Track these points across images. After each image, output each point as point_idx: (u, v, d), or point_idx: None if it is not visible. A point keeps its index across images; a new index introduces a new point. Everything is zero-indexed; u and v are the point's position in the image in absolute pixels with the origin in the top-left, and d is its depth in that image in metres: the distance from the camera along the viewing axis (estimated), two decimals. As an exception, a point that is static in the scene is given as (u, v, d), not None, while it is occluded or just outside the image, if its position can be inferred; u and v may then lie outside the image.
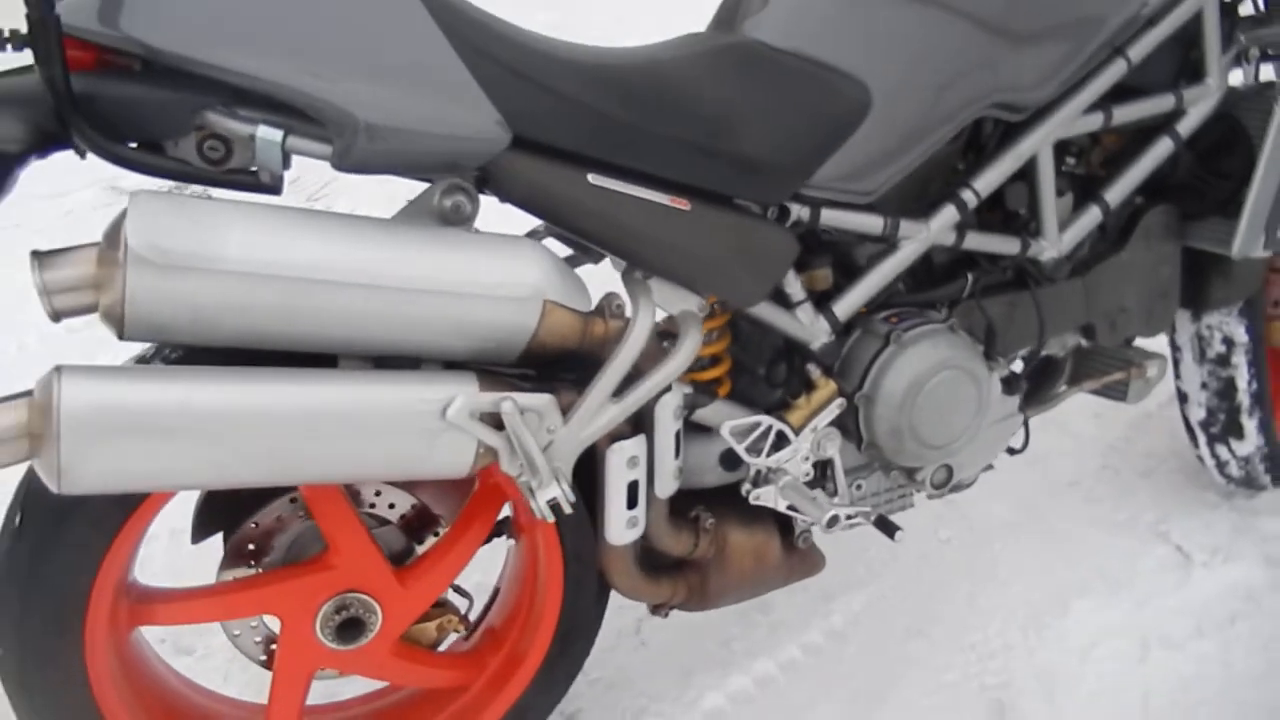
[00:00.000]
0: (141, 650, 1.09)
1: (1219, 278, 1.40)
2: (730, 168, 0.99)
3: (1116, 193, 1.24)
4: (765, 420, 1.08)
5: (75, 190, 2.88)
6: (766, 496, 1.11)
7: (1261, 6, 1.34)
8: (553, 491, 0.90)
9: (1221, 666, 1.42)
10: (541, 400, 0.89)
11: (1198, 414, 1.57)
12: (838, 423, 1.13)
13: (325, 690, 1.24)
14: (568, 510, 0.91)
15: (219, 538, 1.07)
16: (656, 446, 1.02)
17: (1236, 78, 1.31)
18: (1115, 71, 1.16)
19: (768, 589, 1.22)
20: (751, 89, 1.00)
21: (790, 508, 1.12)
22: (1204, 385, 1.53)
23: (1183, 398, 1.59)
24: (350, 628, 1.05)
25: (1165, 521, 1.68)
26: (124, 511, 0.93)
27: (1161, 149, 1.24)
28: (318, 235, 0.80)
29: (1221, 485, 1.69)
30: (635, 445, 0.99)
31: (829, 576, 1.32)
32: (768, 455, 1.09)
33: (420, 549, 1.13)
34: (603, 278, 1.06)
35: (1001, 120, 1.14)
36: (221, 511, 1.07)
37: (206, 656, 1.42)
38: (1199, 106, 1.25)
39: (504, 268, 0.86)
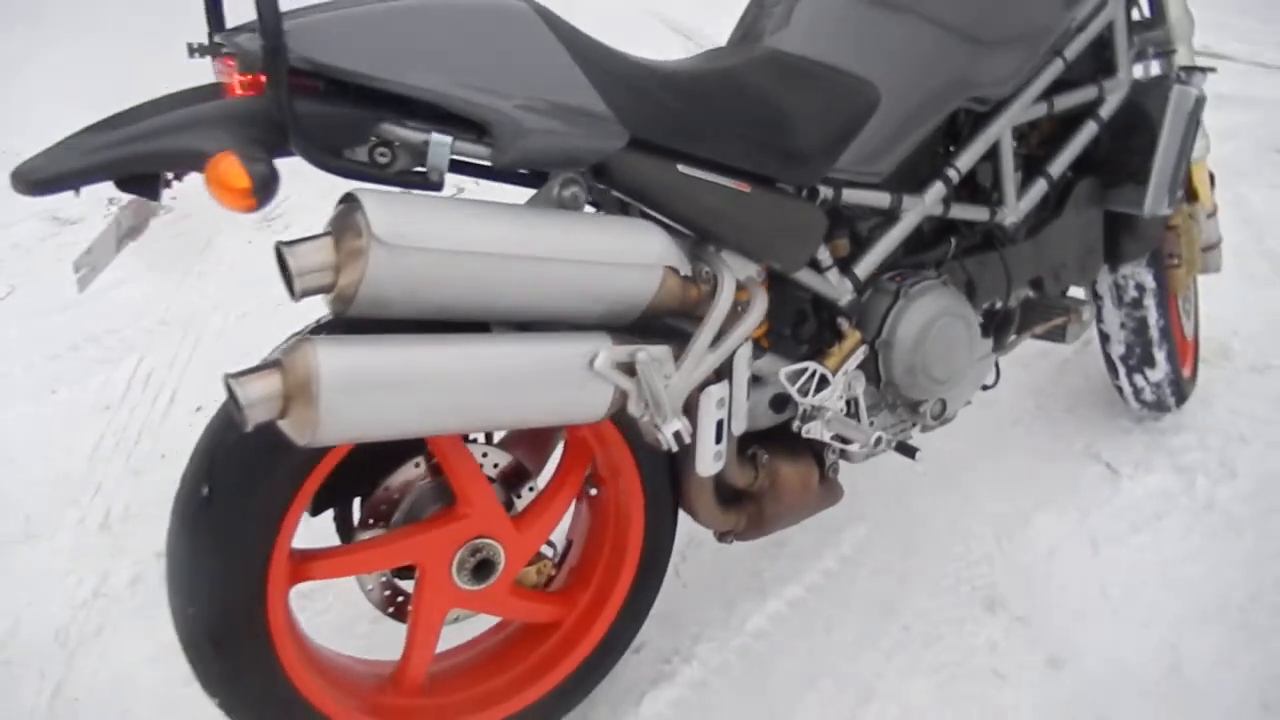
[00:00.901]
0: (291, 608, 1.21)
1: (1129, 235, 1.71)
2: (776, 156, 1.21)
3: (1057, 167, 1.52)
4: (812, 366, 1.30)
5: (16, 223, 2.85)
6: (815, 430, 1.32)
7: (1148, 12, 1.66)
8: (676, 425, 1.09)
9: (1156, 554, 1.73)
10: (662, 351, 1.08)
11: (1118, 350, 1.88)
12: (861, 366, 1.37)
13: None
14: (687, 440, 1.10)
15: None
16: (734, 390, 1.22)
17: (1137, 71, 1.62)
18: (1055, 69, 1.44)
19: (807, 514, 1.44)
20: (790, 91, 1.22)
21: (835, 437, 1.34)
22: (1122, 325, 1.84)
23: (1104, 338, 1.90)
24: (483, 569, 1.20)
25: (1094, 445, 1.99)
26: (300, 477, 1.07)
27: (1088, 130, 1.53)
28: (500, 220, 0.97)
29: (1133, 411, 2.02)
30: (721, 389, 1.19)
31: (831, 512, 1.53)
32: (813, 395, 1.31)
33: (518, 501, 1.29)
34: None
35: (972, 111, 1.40)
36: (336, 488, 1.20)
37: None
38: (1114, 95, 1.54)
39: (635, 241, 1.05)
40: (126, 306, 2.43)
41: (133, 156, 0.89)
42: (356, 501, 1.21)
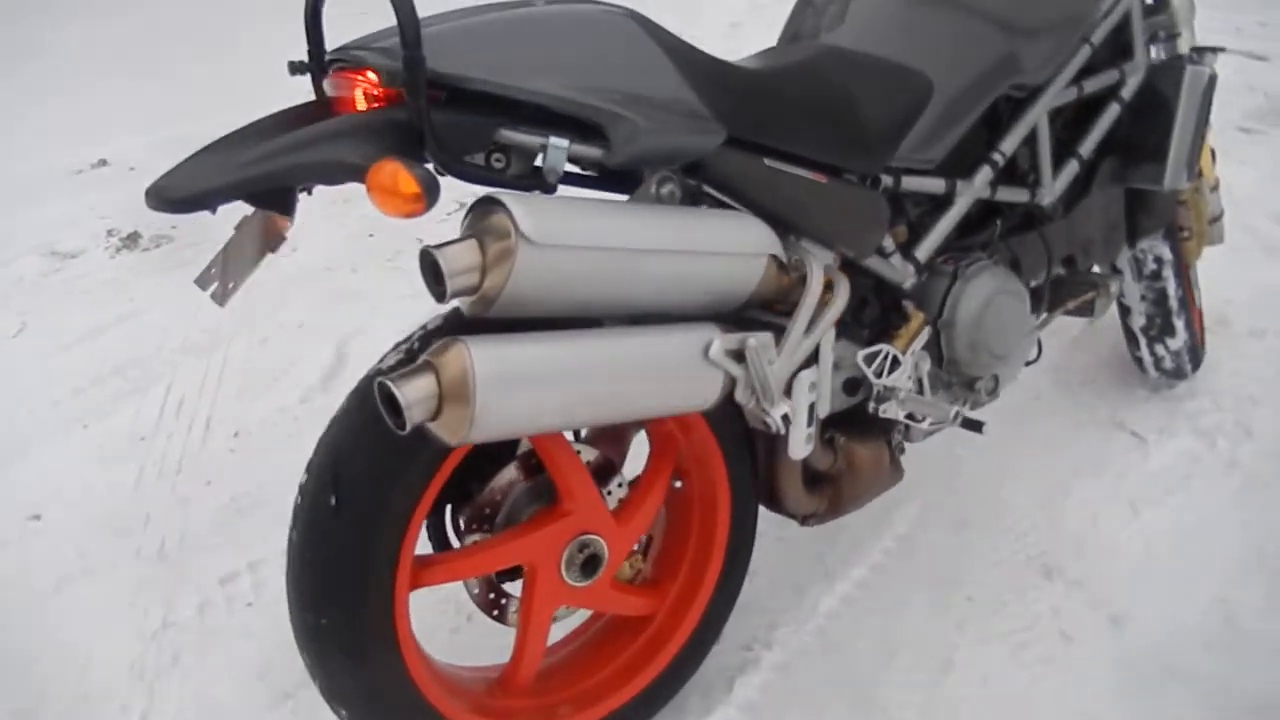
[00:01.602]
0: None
1: (1146, 211, 1.79)
2: (846, 148, 1.26)
3: (1086, 148, 1.59)
4: (885, 348, 1.35)
5: (14, 259, 2.80)
6: (890, 409, 1.37)
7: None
8: (783, 408, 1.13)
9: (1192, 513, 1.81)
10: (766, 338, 1.12)
11: (1139, 321, 1.97)
12: (925, 347, 1.42)
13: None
14: (794, 420, 1.15)
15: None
16: (821, 374, 1.26)
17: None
18: (1083, 55, 1.51)
19: (877, 493, 1.49)
20: (854, 85, 1.27)
21: (909, 416, 1.39)
22: (1143, 298, 1.93)
23: (1124, 310, 1.98)
24: (590, 564, 1.23)
25: (1116, 414, 2.07)
26: (425, 481, 1.08)
27: (1111, 112, 1.61)
28: (628, 216, 1.00)
29: (1151, 380, 2.10)
30: (812, 373, 1.23)
31: (881, 496, 1.59)
32: (886, 376, 1.36)
33: (608, 496, 1.32)
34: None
35: (1012, 97, 1.47)
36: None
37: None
38: (1133, 78, 1.62)
39: (743, 232, 1.09)
40: (145, 337, 2.41)
41: (278, 171, 0.91)
42: (448, 508, 1.23)
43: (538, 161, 1.02)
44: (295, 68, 1.10)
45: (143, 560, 1.74)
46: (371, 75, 0.99)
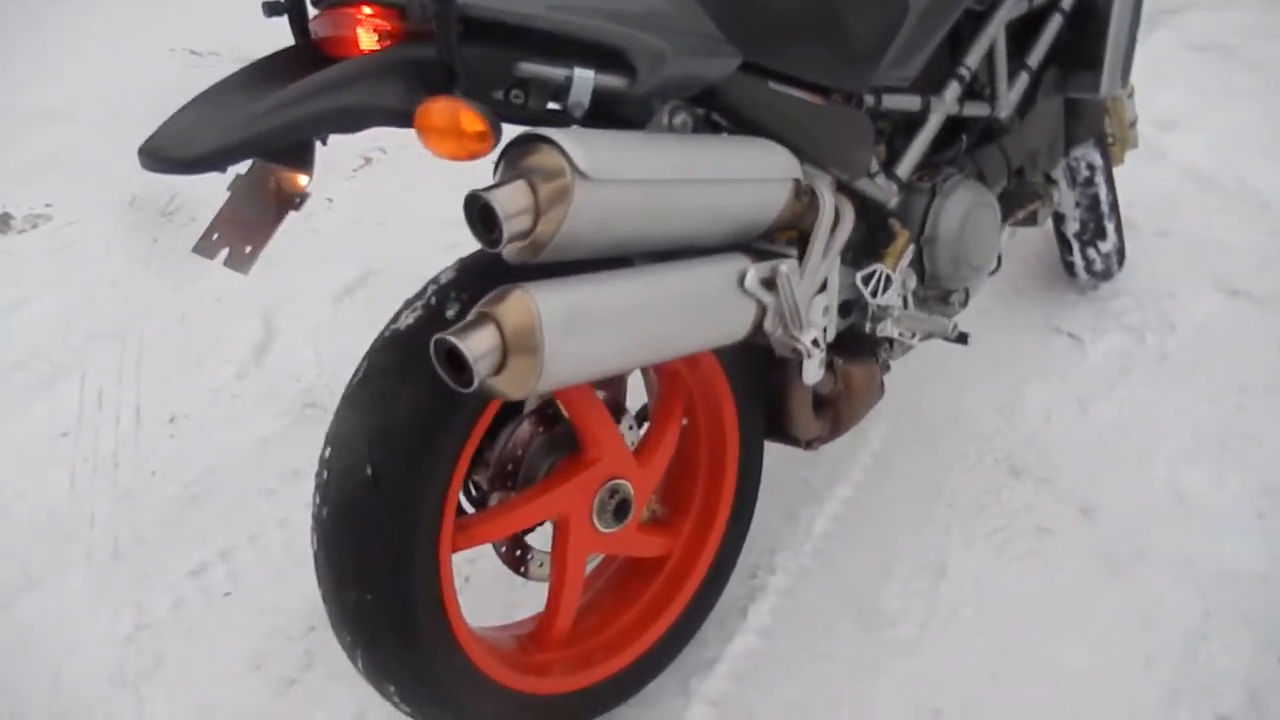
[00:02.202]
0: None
1: (1079, 120, 1.86)
2: (836, 67, 1.25)
3: (1034, 59, 1.63)
4: (879, 268, 1.36)
5: None
6: (886, 328, 1.39)
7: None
8: (813, 332, 1.13)
9: (1133, 405, 1.92)
10: (792, 264, 1.11)
11: (1073, 227, 2.06)
12: (911, 264, 1.44)
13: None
14: (823, 342, 1.15)
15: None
16: (830, 297, 1.27)
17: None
18: None
19: (868, 411, 1.51)
20: (851, 7, 1.26)
21: (901, 333, 1.41)
22: (1077, 204, 2.02)
23: (1059, 218, 2.07)
24: (621, 509, 1.21)
25: (1052, 319, 2.17)
26: (464, 439, 1.03)
27: (1055, 23, 1.65)
28: (668, 146, 0.96)
29: (1076, 284, 2.22)
30: (826, 297, 1.23)
31: None
32: (880, 296, 1.38)
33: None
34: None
35: (973, 11, 1.48)
36: None
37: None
38: None
39: (769, 157, 1.07)
40: (42, 327, 2.20)
41: (302, 120, 0.83)
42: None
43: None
44: (272, 8, 1.00)
45: (96, 564, 1.61)
46: (366, 10, 0.92)
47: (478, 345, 0.84)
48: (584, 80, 0.95)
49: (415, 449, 1.00)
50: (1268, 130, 2.99)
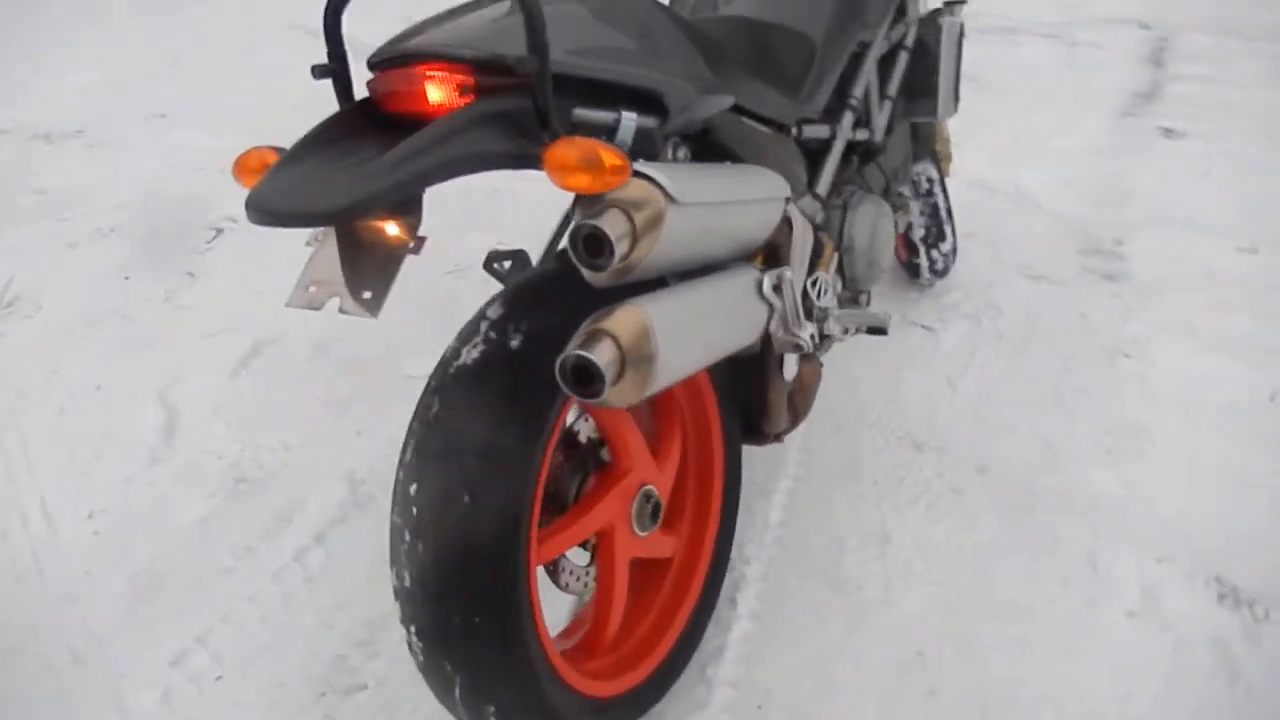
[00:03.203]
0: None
1: (919, 140, 2.19)
2: (776, 101, 1.45)
3: (892, 89, 1.92)
4: (821, 275, 1.56)
5: None
6: (829, 326, 1.59)
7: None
8: (810, 328, 1.30)
9: (989, 380, 2.25)
10: (789, 272, 1.28)
11: (919, 233, 2.38)
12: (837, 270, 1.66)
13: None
14: (817, 339, 1.32)
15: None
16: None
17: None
18: (892, 12, 1.83)
19: (813, 400, 1.71)
20: (774, 49, 1.46)
21: (844, 330, 1.62)
22: (922, 212, 2.34)
23: (908, 227, 2.39)
24: (655, 512, 1.32)
25: (908, 315, 2.48)
26: (543, 453, 1.10)
27: (903, 59, 1.95)
28: (714, 173, 1.10)
29: (917, 283, 2.55)
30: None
31: None
32: (823, 298, 1.58)
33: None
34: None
35: (854, 52, 1.74)
36: None
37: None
38: (912, 29, 1.98)
39: (771, 180, 1.23)
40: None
41: (430, 169, 0.90)
42: None
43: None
44: (321, 72, 1.06)
45: (57, 673, 1.50)
46: (432, 71, 1.00)
47: (602, 358, 0.94)
48: (629, 122, 1.08)
49: (505, 468, 1.06)
50: (1025, 143, 3.55)
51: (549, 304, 1.12)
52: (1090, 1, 5.36)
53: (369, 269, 1.04)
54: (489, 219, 3.02)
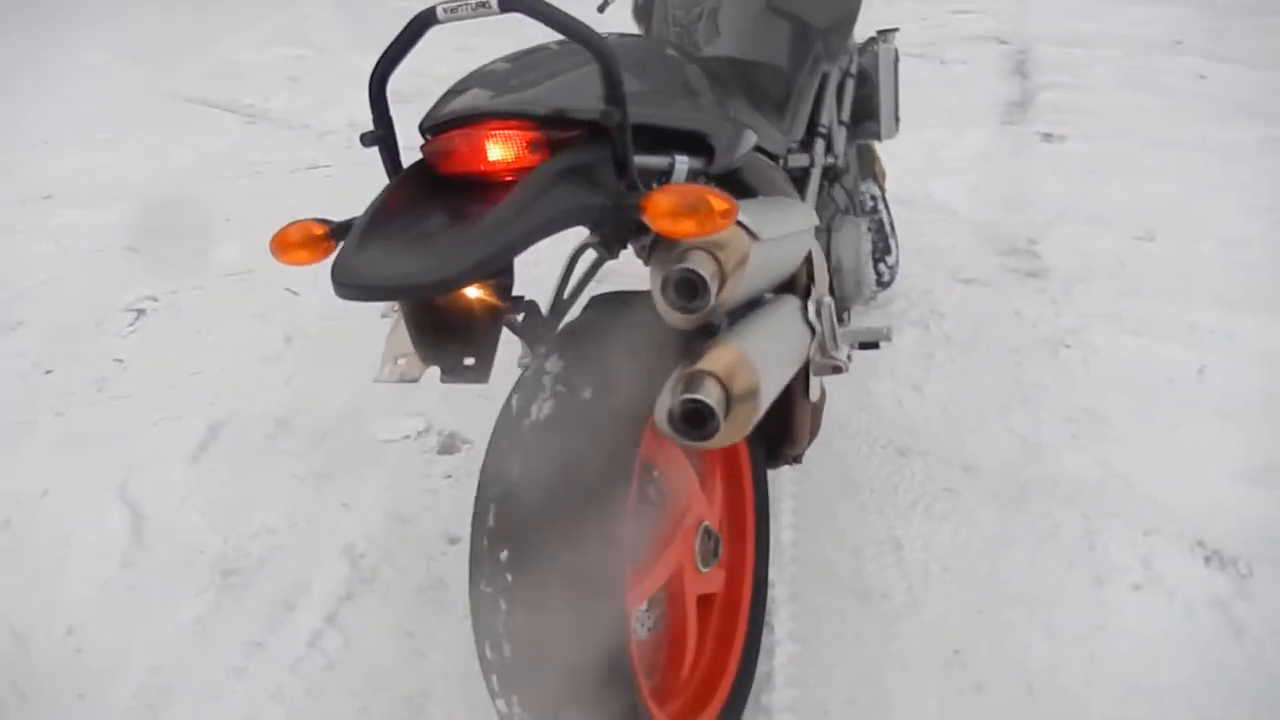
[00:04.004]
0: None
1: (862, 161, 2.28)
2: (773, 136, 1.49)
3: (845, 115, 2.00)
4: (826, 296, 1.60)
5: None
6: (840, 345, 1.63)
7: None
8: (845, 349, 1.33)
9: (950, 380, 2.35)
10: (827, 297, 1.31)
11: (868, 247, 2.47)
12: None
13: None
14: (850, 361, 1.35)
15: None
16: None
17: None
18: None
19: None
20: (761, 86, 1.51)
21: (852, 346, 1.66)
22: (869, 228, 2.43)
23: (857, 242, 2.48)
24: (716, 549, 1.31)
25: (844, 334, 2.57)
26: (626, 498, 1.09)
27: (850, 86, 2.04)
28: (769, 209, 1.12)
29: (871, 295, 2.65)
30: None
31: None
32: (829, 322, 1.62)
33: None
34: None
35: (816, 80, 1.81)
36: None
37: None
38: (855, 58, 2.07)
39: (802, 212, 1.26)
40: None
41: (527, 233, 0.90)
42: None
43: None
44: (370, 140, 1.04)
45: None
46: (497, 130, 0.99)
47: (711, 397, 0.94)
48: (682, 165, 1.09)
49: (603, 525, 1.04)
50: (925, 156, 3.74)
51: (613, 351, 1.11)
52: (949, 22, 5.72)
53: (467, 336, 1.01)
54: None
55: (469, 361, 1.02)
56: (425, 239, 0.90)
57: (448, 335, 1.02)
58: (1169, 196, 3.35)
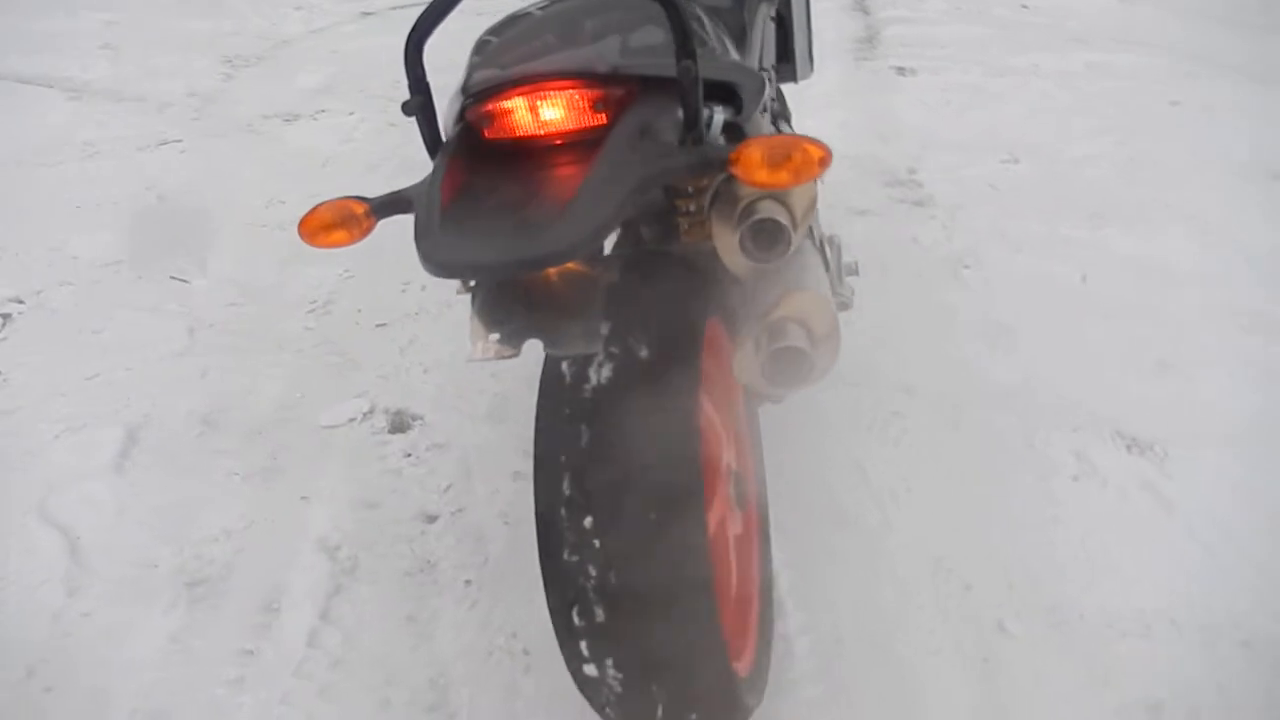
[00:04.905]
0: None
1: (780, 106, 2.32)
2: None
3: (773, 57, 2.02)
4: (837, 235, 1.64)
5: None
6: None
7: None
8: (849, 282, 1.37)
9: (870, 308, 2.47)
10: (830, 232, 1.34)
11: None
12: None
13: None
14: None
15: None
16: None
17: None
18: None
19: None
20: (732, 29, 1.50)
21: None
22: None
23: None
24: (742, 491, 1.34)
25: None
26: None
27: (772, 30, 2.06)
28: None
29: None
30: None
31: None
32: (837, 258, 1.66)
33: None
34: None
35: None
36: None
37: None
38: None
39: None
40: None
41: (622, 205, 0.87)
42: None
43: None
44: (411, 108, 0.98)
45: None
46: (555, 92, 0.96)
47: (805, 344, 0.96)
48: (719, 116, 1.09)
49: (682, 479, 1.05)
50: (789, 94, 3.84)
51: (658, 306, 1.11)
52: (784, -39, 5.85)
53: (565, 305, 0.98)
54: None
55: (575, 328, 0.99)
56: (519, 213, 0.86)
57: (544, 307, 0.99)
58: (1019, 122, 3.60)
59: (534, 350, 1.03)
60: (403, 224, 1.01)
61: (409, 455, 1.97)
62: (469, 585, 1.67)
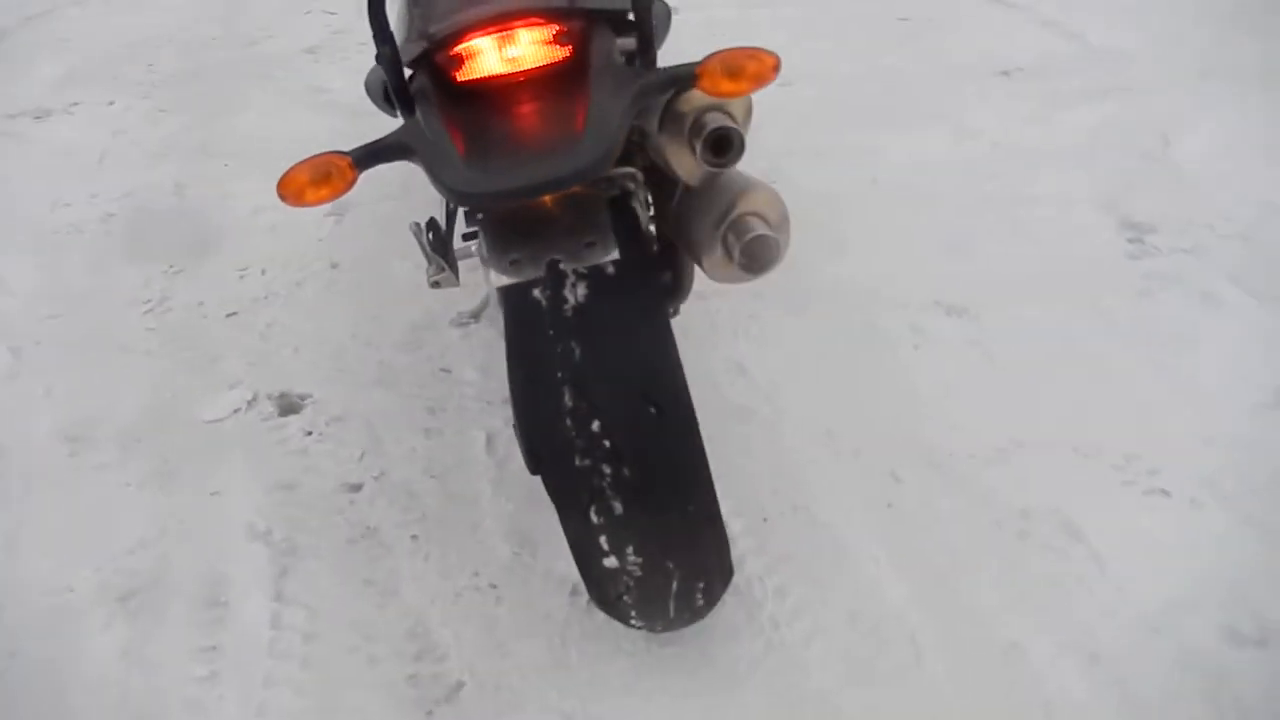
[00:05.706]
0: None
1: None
2: None
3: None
4: None
5: None
6: None
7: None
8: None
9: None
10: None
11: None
12: None
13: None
14: None
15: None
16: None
17: None
18: None
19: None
20: None
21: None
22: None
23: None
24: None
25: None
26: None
27: None
28: None
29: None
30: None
31: None
32: None
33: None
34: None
35: None
36: None
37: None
38: None
39: None
40: None
41: (623, 125, 0.97)
42: None
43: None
44: (381, 58, 1.02)
45: None
46: (520, 29, 1.03)
47: (769, 232, 1.10)
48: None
49: (664, 366, 1.17)
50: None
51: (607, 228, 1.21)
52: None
53: (569, 224, 1.05)
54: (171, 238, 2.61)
55: (590, 240, 1.06)
56: (536, 140, 0.93)
57: (556, 228, 1.06)
58: (784, 48, 3.85)
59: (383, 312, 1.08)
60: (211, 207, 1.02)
61: (310, 433, 1.95)
62: (416, 540, 1.71)
